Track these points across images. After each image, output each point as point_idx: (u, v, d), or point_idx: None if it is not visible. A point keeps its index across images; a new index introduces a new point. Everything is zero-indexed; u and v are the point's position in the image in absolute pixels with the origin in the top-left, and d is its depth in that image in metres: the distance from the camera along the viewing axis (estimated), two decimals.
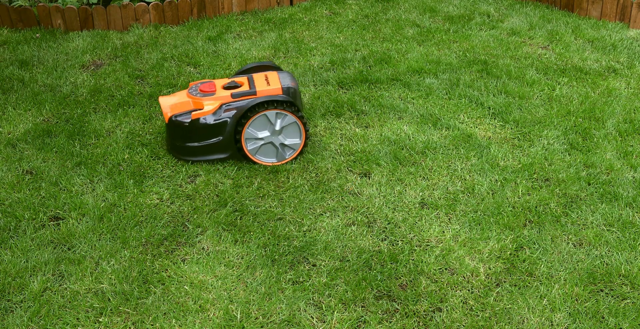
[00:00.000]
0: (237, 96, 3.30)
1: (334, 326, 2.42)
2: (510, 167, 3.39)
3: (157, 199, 3.13)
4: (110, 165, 3.38)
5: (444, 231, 2.92)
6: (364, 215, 3.03)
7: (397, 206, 3.09)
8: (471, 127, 3.77)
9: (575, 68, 4.54)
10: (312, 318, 2.46)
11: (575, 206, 3.09)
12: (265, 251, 2.79)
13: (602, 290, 2.61)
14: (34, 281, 2.59)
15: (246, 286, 2.60)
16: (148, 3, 5.29)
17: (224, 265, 2.71)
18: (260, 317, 2.46)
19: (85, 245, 2.81)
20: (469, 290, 2.60)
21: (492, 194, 3.18)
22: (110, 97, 4.13)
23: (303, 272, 2.68)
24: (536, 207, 3.08)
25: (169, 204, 3.09)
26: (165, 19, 5.33)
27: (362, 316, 2.47)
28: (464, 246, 2.83)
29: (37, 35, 5.06)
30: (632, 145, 3.59)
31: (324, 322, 2.44)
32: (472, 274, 2.67)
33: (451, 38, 5.14)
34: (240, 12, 5.67)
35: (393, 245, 2.85)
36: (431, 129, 3.74)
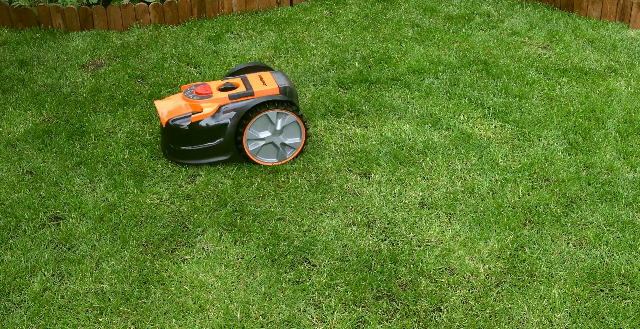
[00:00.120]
0: (235, 97, 3.29)
1: (334, 326, 2.42)
2: (510, 167, 3.39)
3: (157, 199, 3.13)
4: (110, 165, 3.38)
5: (444, 231, 2.92)
6: (364, 215, 3.03)
7: (397, 206, 3.09)
8: (471, 127, 3.77)
9: (575, 68, 4.54)
10: (312, 318, 2.46)
11: (575, 206, 3.09)
12: (265, 251, 2.79)
13: (602, 290, 2.61)
14: (34, 281, 2.60)
15: (246, 286, 2.60)
16: (148, 3, 5.29)
17: (224, 265, 2.71)
18: (260, 317, 2.46)
19: (85, 245, 2.81)
20: (469, 290, 2.60)
21: (492, 194, 3.18)
22: (110, 97, 4.13)
23: (303, 272, 2.68)
24: (536, 207, 3.08)
25: (169, 204, 3.10)
26: (165, 19, 5.33)
27: (362, 316, 2.47)
28: (464, 246, 2.83)
29: (37, 35, 5.06)
30: (632, 145, 3.59)
31: (324, 322, 2.44)
32: (472, 274, 2.67)
33: (451, 38, 5.14)
34: (240, 12, 5.67)
35: (393, 245, 2.85)
36: (431, 129, 3.74)
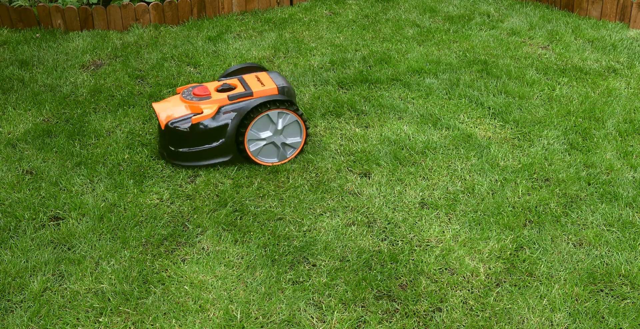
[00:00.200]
0: (235, 98, 3.29)
1: (334, 326, 2.42)
2: (510, 167, 3.39)
3: (157, 199, 3.13)
4: (110, 165, 3.38)
5: (444, 231, 2.92)
6: (364, 215, 3.03)
7: (397, 206, 3.09)
8: (471, 127, 3.77)
9: (575, 68, 4.54)
10: (312, 318, 2.46)
11: (575, 206, 3.09)
12: (265, 251, 2.79)
13: (602, 290, 2.61)
14: (34, 281, 2.59)
15: (246, 286, 2.60)
16: (148, 3, 5.29)
17: (224, 265, 2.71)
18: (260, 317, 2.46)
19: (85, 245, 2.81)
20: (469, 290, 2.60)
21: (492, 194, 3.18)
22: (110, 97, 4.13)
23: (303, 272, 2.68)
24: (536, 207, 3.08)
25: (169, 204, 3.09)
26: (165, 19, 5.33)
27: (362, 316, 2.47)
28: (464, 246, 2.83)
29: (37, 35, 5.06)
30: (632, 145, 3.59)
31: (324, 322, 2.44)
32: (472, 274, 2.67)
33: (451, 38, 5.14)
34: (240, 12, 5.67)
35: (393, 245, 2.85)
36: (431, 129, 3.74)
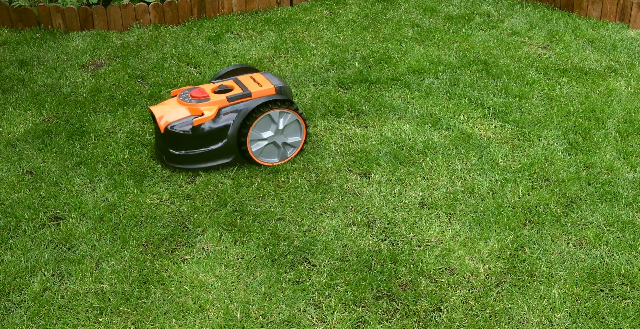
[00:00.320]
0: (234, 99, 3.29)
1: (334, 326, 2.42)
2: (510, 167, 3.39)
3: (157, 199, 3.13)
4: (110, 165, 3.38)
5: (444, 231, 2.92)
6: (364, 215, 3.03)
7: (397, 206, 3.09)
8: (471, 127, 3.77)
9: (575, 68, 4.54)
10: (312, 318, 2.46)
11: (575, 206, 3.09)
12: (265, 251, 2.79)
13: (602, 290, 2.61)
14: (34, 281, 2.59)
15: (246, 286, 2.60)
16: (148, 3, 5.29)
17: (224, 265, 2.71)
18: (260, 317, 2.46)
19: (85, 245, 2.81)
20: (469, 290, 2.60)
21: (492, 194, 3.18)
22: (110, 97, 4.13)
23: (303, 272, 2.68)
24: (536, 207, 3.08)
25: (169, 204, 3.09)
26: (165, 19, 5.33)
27: (362, 316, 2.47)
28: (464, 246, 2.83)
29: (37, 35, 5.06)
30: (632, 145, 3.59)
31: (324, 322, 2.44)
32: (472, 274, 2.67)
33: (451, 38, 5.14)
34: (240, 12, 5.67)
35: (393, 245, 2.85)
36: (431, 129, 3.74)
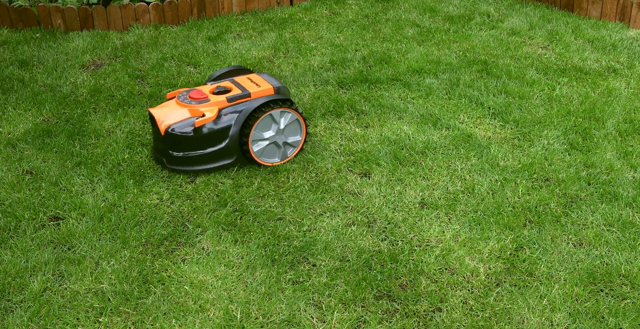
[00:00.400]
0: (234, 100, 3.29)
1: (334, 326, 2.42)
2: (510, 167, 3.39)
3: (157, 199, 3.13)
4: (110, 165, 3.38)
5: (444, 231, 2.92)
6: (364, 215, 3.03)
7: (397, 206, 3.09)
8: (471, 127, 3.77)
9: (575, 68, 4.54)
10: (312, 318, 2.46)
11: (575, 206, 3.09)
12: (265, 251, 2.79)
13: (602, 290, 2.61)
14: (34, 281, 2.59)
15: (246, 286, 2.60)
16: (148, 3, 5.29)
17: (224, 265, 2.71)
18: (260, 317, 2.46)
19: (85, 245, 2.81)
20: (469, 290, 2.60)
21: (492, 194, 3.18)
22: (110, 97, 4.13)
23: (303, 272, 2.68)
24: (536, 207, 3.08)
25: (169, 204, 3.09)
26: (165, 19, 5.33)
27: (362, 316, 2.47)
28: (464, 246, 2.83)
29: (37, 35, 5.06)
30: (632, 145, 3.59)
31: (324, 322, 2.44)
32: (472, 274, 2.67)
33: (451, 38, 5.14)
34: (240, 12, 5.67)
35: (393, 245, 2.85)
36: (431, 129, 3.74)
